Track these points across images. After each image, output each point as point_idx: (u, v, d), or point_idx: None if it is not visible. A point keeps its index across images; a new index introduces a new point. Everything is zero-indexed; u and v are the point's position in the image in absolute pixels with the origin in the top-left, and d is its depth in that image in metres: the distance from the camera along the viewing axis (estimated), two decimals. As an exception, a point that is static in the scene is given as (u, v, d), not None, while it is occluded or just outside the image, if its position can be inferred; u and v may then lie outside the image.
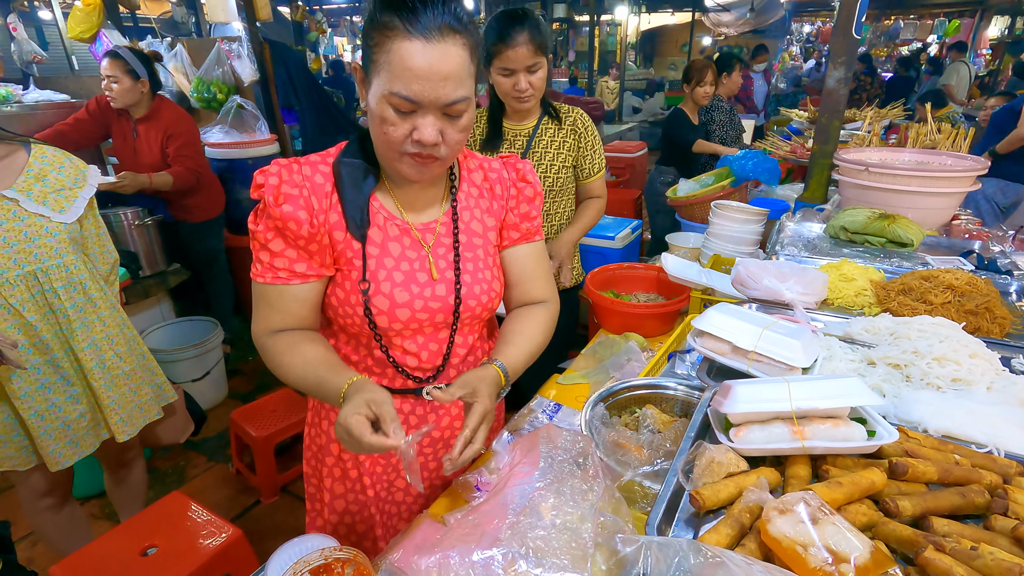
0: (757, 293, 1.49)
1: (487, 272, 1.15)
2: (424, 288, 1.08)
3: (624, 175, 5.45)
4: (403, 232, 1.09)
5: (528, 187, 1.21)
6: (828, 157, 2.50)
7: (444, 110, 0.92)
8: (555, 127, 2.04)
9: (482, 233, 1.17)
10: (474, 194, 1.17)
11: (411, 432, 0.94)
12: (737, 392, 0.91)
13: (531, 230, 1.22)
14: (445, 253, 1.11)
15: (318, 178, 1.02)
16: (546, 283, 1.27)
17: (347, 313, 1.07)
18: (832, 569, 0.63)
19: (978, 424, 0.95)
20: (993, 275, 1.62)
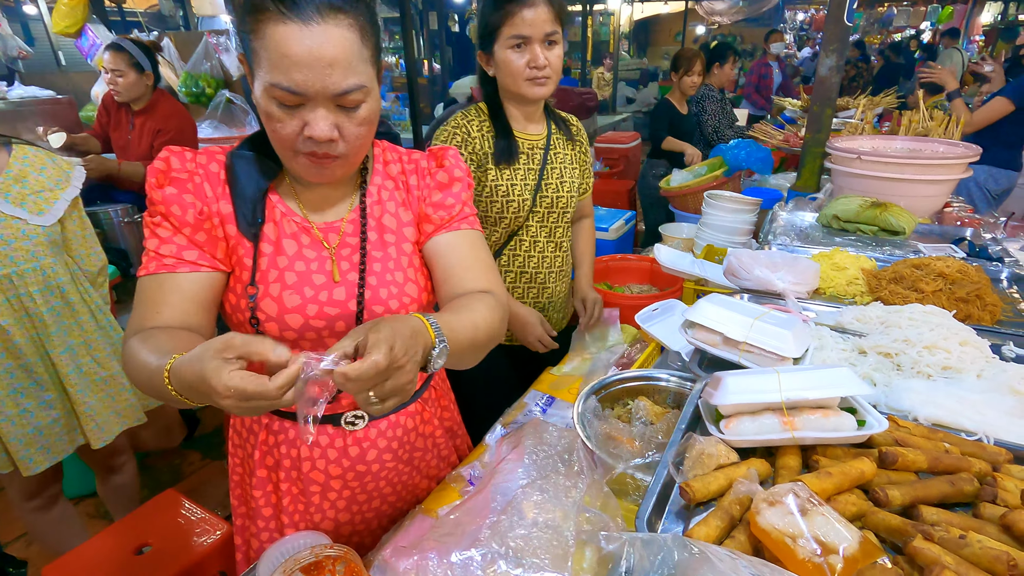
0: (749, 283, 1.49)
1: (398, 274, 1.03)
2: (320, 291, 0.97)
3: (618, 166, 5.43)
4: (302, 230, 0.99)
5: (441, 172, 1.09)
6: (820, 146, 2.50)
7: (336, 101, 0.84)
8: (564, 138, 1.77)
9: (396, 229, 1.05)
10: (388, 187, 1.07)
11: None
12: (727, 384, 0.91)
13: (448, 218, 1.08)
14: (350, 254, 1.01)
15: (213, 166, 0.95)
16: (484, 273, 1.09)
17: (239, 321, 0.97)
18: (821, 560, 0.63)
19: (967, 412, 0.95)
20: (984, 262, 1.62)
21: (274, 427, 1.10)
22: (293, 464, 1.10)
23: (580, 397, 1.31)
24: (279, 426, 1.09)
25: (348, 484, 1.12)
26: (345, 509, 1.14)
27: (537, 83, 1.54)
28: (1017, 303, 1.45)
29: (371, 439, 1.12)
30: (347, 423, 1.08)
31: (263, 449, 1.11)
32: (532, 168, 1.69)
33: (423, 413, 1.20)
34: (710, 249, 2.24)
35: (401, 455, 1.17)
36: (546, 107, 1.75)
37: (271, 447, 1.10)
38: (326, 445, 1.09)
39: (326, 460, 1.10)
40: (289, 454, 1.09)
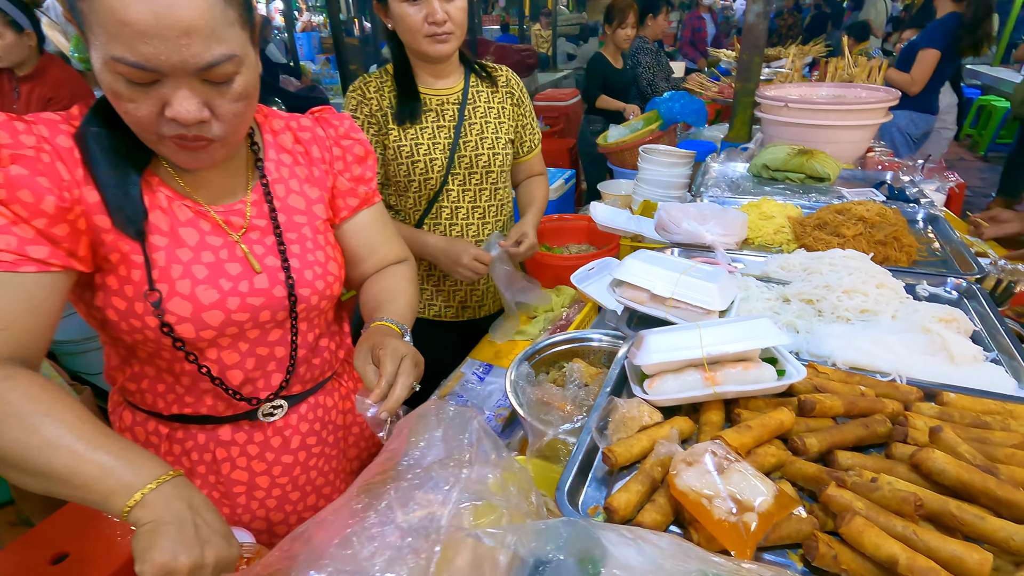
0: (679, 237, 1.48)
1: (318, 253, 0.98)
2: (239, 282, 0.88)
3: (558, 124, 5.33)
4: (198, 215, 0.87)
5: (356, 144, 1.05)
6: (750, 95, 2.50)
7: (201, 76, 0.71)
8: (489, 90, 1.63)
9: (305, 208, 0.98)
10: (287, 162, 0.98)
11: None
12: (649, 342, 0.89)
13: (369, 193, 1.08)
14: (261, 238, 0.92)
15: (62, 140, 0.77)
16: (398, 244, 1.15)
17: (134, 328, 0.83)
18: (736, 519, 0.62)
19: (883, 353, 0.96)
20: (902, 204, 1.66)
21: (178, 436, 1.00)
22: (209, 469, 1.01)
23: (513, 364, 1.28)
24: (184, 433, 1.00)
25: (276, 481, 1.05)
26: (277, 508, 1.07)
27: (438, 40, 1.41)
28: (931, 243, 1.49)
29: (292, 425, 1.05)
30: (265, 415, 1.00)
31: (168, 460, 1.01)
32: (444, 125, 1.56)
33: (340, 389, 1.14)
34: (647, 205, 2.22)
35: (325, 437, 1.10)
36: (464, 57, 1.62)
37: (178, 456, 1.01)
38: (244, 442, 1.01)
39: (247, 457, 1.02)
40: (203, 459, 1.00)
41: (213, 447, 0.99)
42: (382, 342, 0.88)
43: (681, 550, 0.48)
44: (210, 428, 0.99)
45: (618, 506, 0.70)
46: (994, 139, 6.91)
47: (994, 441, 0.77)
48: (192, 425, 0.99)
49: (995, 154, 6.95)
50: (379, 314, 0.99)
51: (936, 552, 0.59)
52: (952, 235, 1.47)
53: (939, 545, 0.60)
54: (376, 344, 0.88)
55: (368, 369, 0.85)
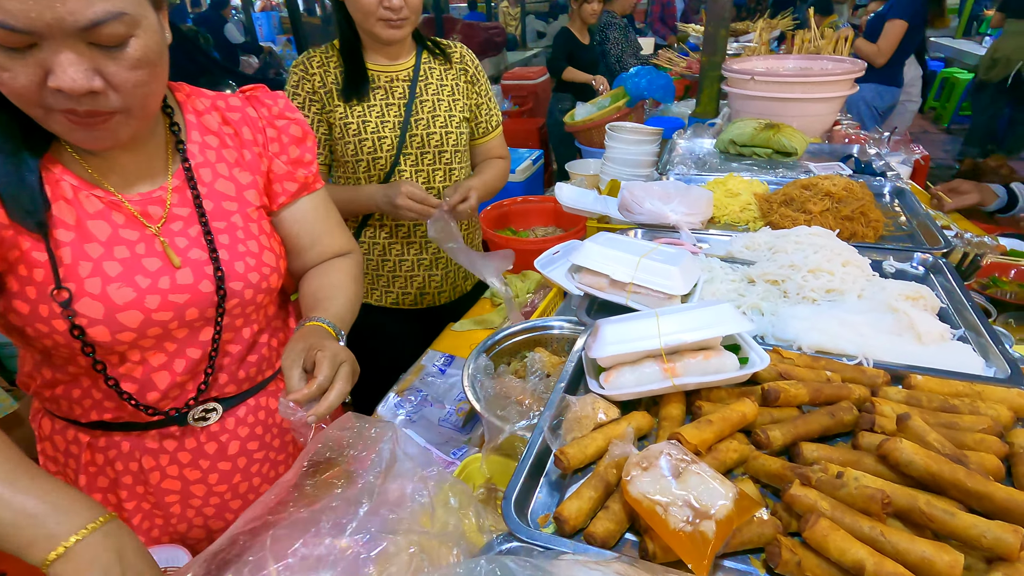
0: (643, 217, 1.41)
1: (251, 243, 0.90)
2: (158, 279, 0.81)
3: (527, 104, 5.23)
4: (110, 206, 0.79)
5: (292, 124, 0.97)
6: (717, 69, 2.43)
7: (86, 38, 0.63)
8: (441, 67, 1.55)
9: (235, 194, 0.90)
10: (213, 144, 0.90)
11: None
12: (605, 333, 0.83)
13: (309, 177, 1.00)
14: (184, 228, 0.85)
15: None
16: (342, 234, 1.08)
17: (41, 333, 0.76)
18: (692, 528, 0.57)
19: (849, 335, 0.92)
20: (869, 178, 1.63)
21: (100, 444, 0.92)
22: (136, 479, 0.93)
23: (471, 356, 1.21)
24: (106, 441, 0.91)
25: (214, 489, 0.97)
26: (217, 516, 0.99)
27: (392, 25, 1.36)
28: (898, 216, 1.46)
29: (229, 430, 0.97)
30: (196, 420, 0.92)
31: (90, 471, 0.93)
32: (394, 103, 1.49)
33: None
34: (614, 184, 2.15)
35: (270, 441, 1.03)
36: (416, 33, 1.53)
37: (101, 467, 0.93)
38: (175, 449, 0.93)
39: (179, 465, 0.94)
40: (128, 469, 0.92)
41: (139, 455, 0.92)
42: (320, 344, 0.82)
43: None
44: (135, 435, 0.91)
45: (568, 515, 0.64)
46: (957, 111, 7.01)
47: (963, 426, 0.73)
48: (115, 432, 0.91)
49: (958, 126, 7.05)
50: (315, 313, 0.93)
51: (904, 555, 0.55)
52: (919, 208, 1.44)
53: (908, 547, 0.55)
54: (313, 345, 0.81)
55: (295, 372, 0.78)
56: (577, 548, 0.60)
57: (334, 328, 0.90)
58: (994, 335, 0.92)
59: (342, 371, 0.80)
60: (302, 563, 0.42)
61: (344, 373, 0.79)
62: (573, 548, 0.61)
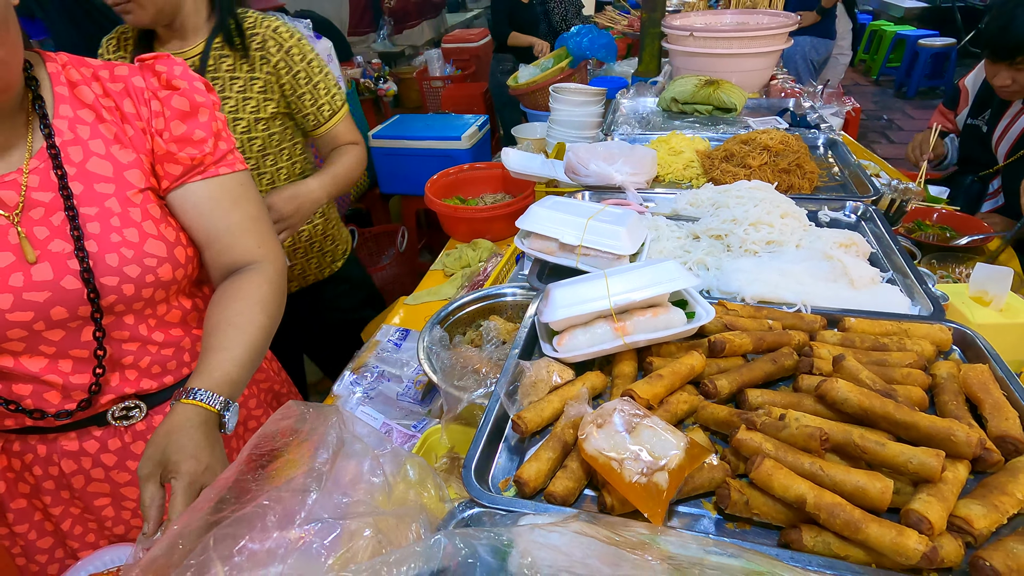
0: (589, 179, 1.42)
1: (130, 231, 0.79)
2: (9, 276, 0.72)
3: (469, 67, 5.09)
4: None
5: (176, 96, 0.83)
6: (657, 26, 2.43)
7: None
8: (236, 58, 1.27)
9: (113, 175, 0.80)
10: (87, 119, 0.80)
11: None
12: (555, 297, 0.83)
13: (200, 158, 0.85)
14: (46, 216, 0.75)
15: None
16: (255, 235, 0.89)
17: None
18: (647, 480, 0.58)
19: (788, 284, 0.96)
20: (804, 131, 1.68)
21: (14, 449, 0.86)
22: (59, 483, 0.88)
23: (424, 329, 1.20)
24: (21, 446, 0.86)
25: None
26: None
27: (122, 11, 1.14)
28: (831, 167, 1.52)
29: (156, 427, 0.93)
30: (117, 418, 0.87)
31: (8, 477, 0.88)
32: None
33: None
34: (561, 147, 2.14)
35: None
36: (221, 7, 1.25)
37: (19, 472, 0.88)
38: (97, 451, 0.88)
39: (104, 468, 0.89)
40: (48, 473, 0.87)
41: (58, 459, 0.86)
42: (171, 464, 0.68)
43: (579, 546, 0.44)
44: (50, 439, 0.85)
45: (528, 478, 0.65)
46: (884, 63, 7.29)
47: (891, 363, 0.78)
48: (29, 435, 0.85)
49: (886, 77, 7.35)
50: (193, 381, 0.75)
51: (841, 485, 0.59)
52: (850, 158, 1.50)
53: (844, 478, 0.59)
54: (166, 467, 0.68)
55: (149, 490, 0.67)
56: (538, 508, 0.62)
57: (217, 405, 0.74)
58: (919, 276, 0.98)
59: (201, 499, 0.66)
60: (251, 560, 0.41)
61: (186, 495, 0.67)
62: (534, 508, 0.62)
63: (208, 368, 0.76)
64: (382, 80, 4.87)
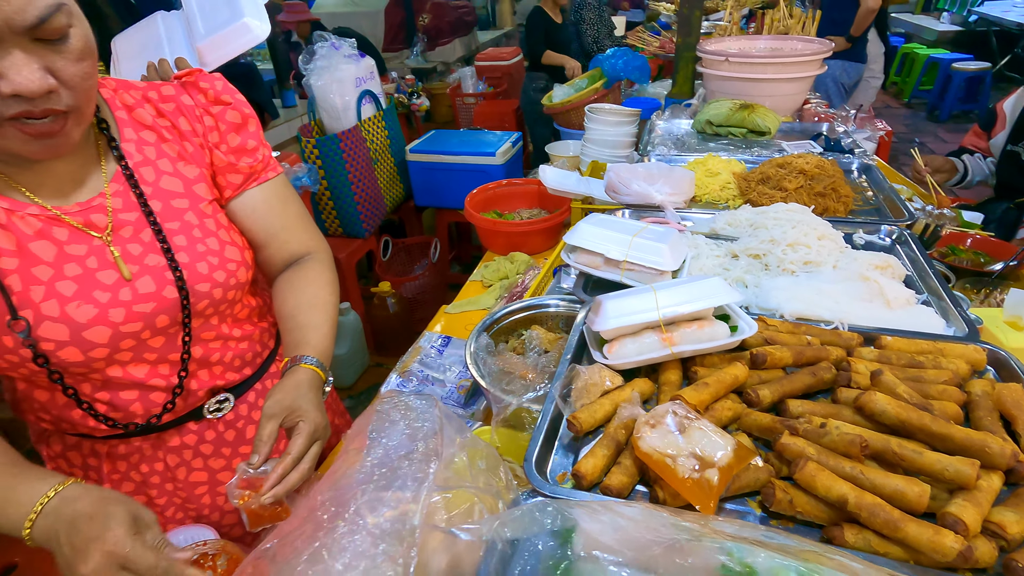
0: (629, 198, 1.48)
1: (211, 240, 0.86)
2: (118, 291, 0.78)
3: (501, 85, 5.21)
4: (49, 222, 0.75)
5: (228, 110, 0.90)
6: (692, 49, 2.50)
7: (34, 35, 0.60)
8: None
9: (184, 191, 0.86)
10: (150, 139, 0.85)
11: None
12: (607, 308, 0.89)
13: (256, 166, 0.92)
14: (135, 234, 0.80)
15: None
16: (304, 229, 0.99)
17: (12, 364, 0.75)
18: (699, 475, 0.64)
19: (825, 302, 1.01)
20: (838, 155, 1.72)
21: (120, 451, 0.94)
22: (164, 477, 0.97)
23: (471, 336, 1.27)
24: (127, 448, 0.93)
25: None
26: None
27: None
28: (866, 191, 1.56)
29: (244, 415, 1.01)
30: (212, 412, 0.96)
31: (114, 479, 0.95)
32: None
33: None
34: (595, 165, 2.21)
35: None
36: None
37: (125, 473, 0.95)
38: (196, 443, 0.96)
39: (203, 458, 0.98)
40: (155, 470, 0.95)
41: (163, 455, 0.95)
42: (303, 411, 0.77)
43: (651, 517, 0.50)
44: (153, 438, 0.93)
45: (585, 471, 0.71)
46: (917, 86, 7.25)
47: (927, 379, 0.82)
48: (133, 438, 0.93)
49: (918, 100, 7.30)
50: (300, 350, 0.86)
51: (881, 488, 0.63)
52: (884, 183, 1.54)
53: (883, 482, 0.64)
54: (294, 411, 0.78)
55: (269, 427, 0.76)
56: (596, 499, 0.67)
57: (324, 371, 0.85)
58: (954, 299, 1.02)
59: (314, 450, 0.78)
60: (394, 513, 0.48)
61: (315, 452, 0.77)
62: (592, 499, 0.67)
63: (308, 341, 0.86)
64: (415, 95, 5.03)
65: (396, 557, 0.44)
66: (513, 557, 0.47)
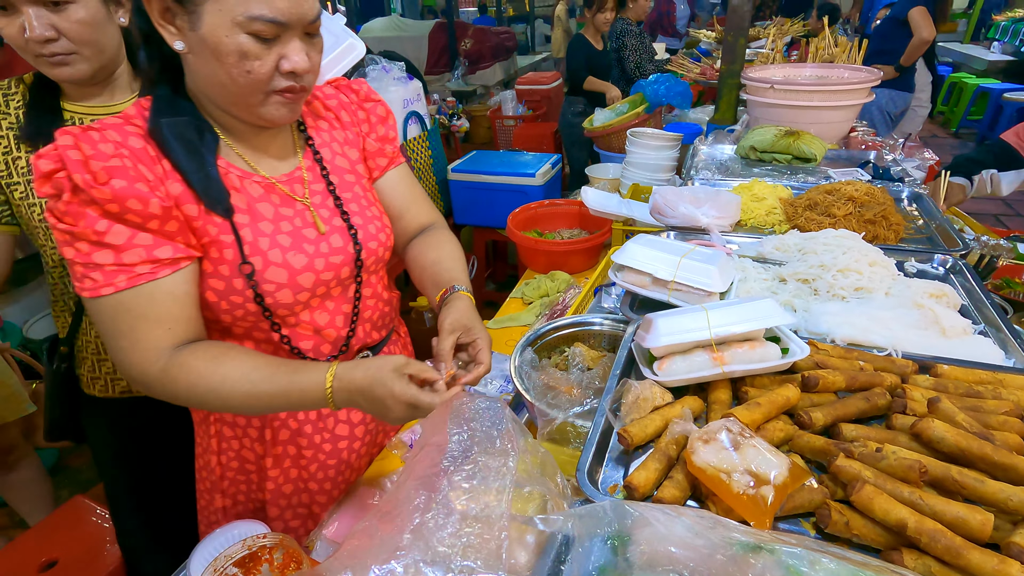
0: (675, 220, 1.50)
1: (373, 208, 1.05)
2: (319, 244, 0.95)
3: (540, 108, 5.31)
4: (268, 190, 0.93)
5: (377, 105, 1.10)
6: (736, 77, 2.52)
7: (306, 29, 0.81)
8: None
9: (351, 168, 1.05)
10: (324, 127, 1.04)
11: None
12: (658, 325, 0.91)
13: (395, 152, 1.13)
14: (323, 201, 0.98)
15: (133, 142, 0.79)
16: (426, 204, 1.18)
17: (234, 304, 0.89)
18: (754, 492, 0.65)
19: (878, 329, 1.00)
20: (887, 183, 1.71)
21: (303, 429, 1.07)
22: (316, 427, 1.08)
23: (516, 350, 1.29)
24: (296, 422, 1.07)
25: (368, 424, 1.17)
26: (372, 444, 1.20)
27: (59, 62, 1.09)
28: (916, 220, 1.54)
29: None
30: None
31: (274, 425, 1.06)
32: None
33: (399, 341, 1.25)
34: (636, 188, 2.24)
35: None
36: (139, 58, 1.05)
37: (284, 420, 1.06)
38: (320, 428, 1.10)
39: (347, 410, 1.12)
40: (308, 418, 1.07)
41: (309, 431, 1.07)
42: (475, 329, 0.93)
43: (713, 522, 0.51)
44: None
45: (638, 483, 0.72)
46: (965, 115, 7.07)
47: (987, 409, 0.81)
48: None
49: (966, 130, 7.11)
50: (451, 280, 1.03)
51: (941, 515, 0.63)
52: (936, 212, 1.52)
53: (944, 508, 0.63)
54: (469, 329, 0.92)
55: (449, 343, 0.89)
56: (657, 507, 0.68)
57: (471, 293, 1.02)
58: (1013, 330, 1.00)
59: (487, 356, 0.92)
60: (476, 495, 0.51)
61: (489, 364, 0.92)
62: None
63: (456, 278, 1.02)
64: (455, 117, 5.16)
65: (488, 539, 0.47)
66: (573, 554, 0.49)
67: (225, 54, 0.76)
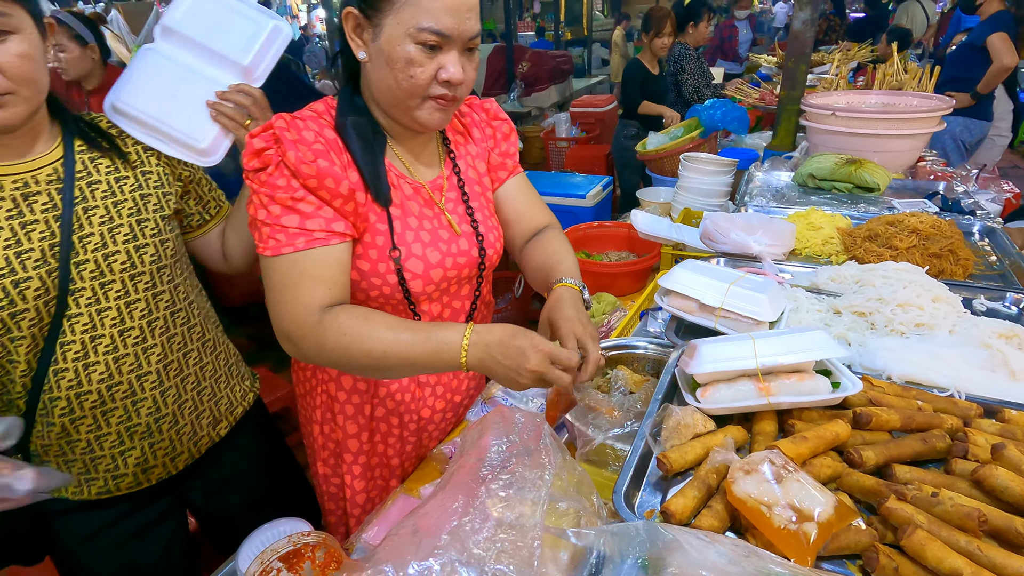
0: (725, 247, 1.48)
1: (493, 219, 1.17)
2: (451, 244, 1.07)
3: (594, 131, 5.34)
4: (416, 191, 1.06)
5: (503, 123, 1.22)
6: (796, 103, 2.47)
7: (466, 45, 0.92)
8: (113, 157, 1.07)
9: (479, 180, 1.17)
10: (460, 141, 1.17)
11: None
12: (703, 352, 0.90)
13: (514, 164, 1.24)
14: (455, 207, 1.11)
15: (328, 133, 0.96)
16: (542, 208, 1.27)
17: (373, 285, 1.03)
18: (796, 527, 0.63)
19: (940, 368, 0.95)
20: (957, 216, 1.63)
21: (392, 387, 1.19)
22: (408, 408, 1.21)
23: (559, 370, 1.30)
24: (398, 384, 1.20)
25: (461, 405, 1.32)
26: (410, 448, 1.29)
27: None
28: (988, 256, 1.46)
29: None
30: None
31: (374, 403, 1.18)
32: (35, 220, 0.96)
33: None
34: (687, 213, 2.22)
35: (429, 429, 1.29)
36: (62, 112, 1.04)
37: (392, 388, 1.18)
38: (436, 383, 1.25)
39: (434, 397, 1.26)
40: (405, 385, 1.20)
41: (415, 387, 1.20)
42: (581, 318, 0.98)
43: (747, 551, 0.50)
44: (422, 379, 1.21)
45: (675, 510, 0.71)
46: (1051, 146, 6.61)
47: (1059, 460, 0.76)
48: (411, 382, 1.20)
49: (1052, 162, 6.64)
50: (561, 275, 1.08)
51: (1002, 568, 0.59)
52: (1011, 248, 1.43)
53: (1004, 561, 0.60)
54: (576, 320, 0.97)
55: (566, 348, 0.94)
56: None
57: (574, 282, 1.07)
58: (1093, 377, 0.93)
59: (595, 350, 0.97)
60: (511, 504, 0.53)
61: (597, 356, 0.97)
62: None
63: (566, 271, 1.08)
64: (511, 138, 5.25)
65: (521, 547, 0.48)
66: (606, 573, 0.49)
67: (395, 60, 0.89)
